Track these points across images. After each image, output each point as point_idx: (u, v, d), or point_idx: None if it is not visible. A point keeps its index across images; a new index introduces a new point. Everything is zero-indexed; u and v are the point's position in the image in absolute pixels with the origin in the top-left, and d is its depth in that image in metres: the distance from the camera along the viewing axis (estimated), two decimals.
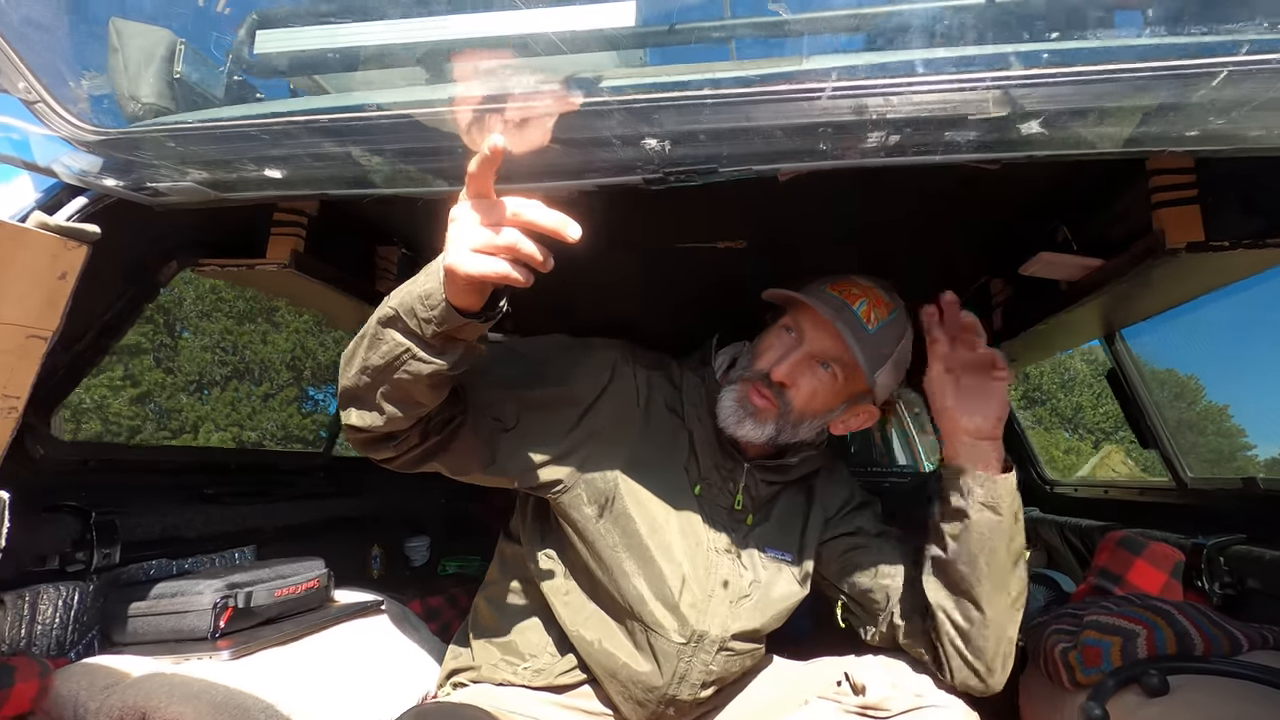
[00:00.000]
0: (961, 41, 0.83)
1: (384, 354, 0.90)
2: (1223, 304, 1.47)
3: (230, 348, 16.22)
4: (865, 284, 1.18)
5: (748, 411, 1.15)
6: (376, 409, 0.97)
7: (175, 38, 1.14)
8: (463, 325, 0.87)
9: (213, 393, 15.83)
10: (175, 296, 15.99)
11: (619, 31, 0.89)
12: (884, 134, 0.82)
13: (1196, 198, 1.16)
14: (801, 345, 1.15)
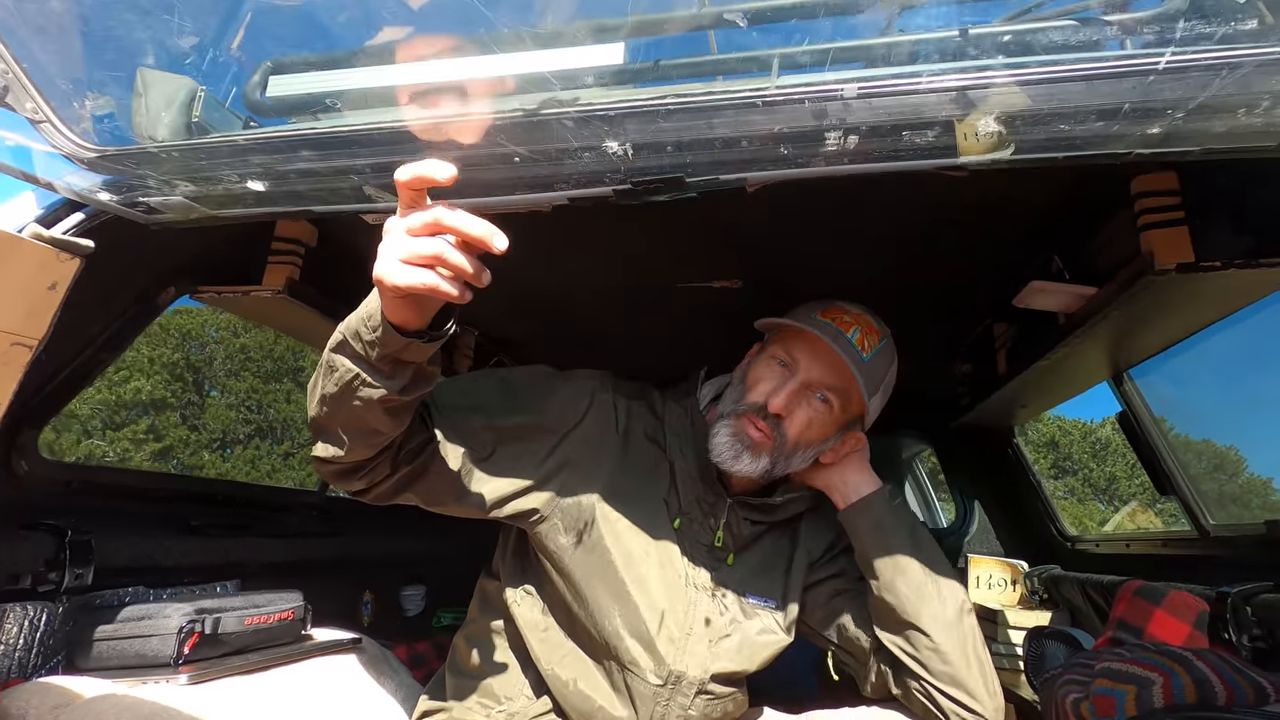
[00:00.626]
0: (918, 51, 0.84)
1: (336, 381, 0.88)
2: (1228, 335, 1.42)
3: (255, 405, 16.51)
4: (855, 311, 1.17)
5: (744, 445, 1.12)
6: (338, 440, 0.94)
7: (196, 85, 1.21)
8: (405, 346, 0.84)
9: (235, 450, 16.01)
10: (206, 356, 16.43)
11: (607, 69, 0.93)
12: (841, 136, 0.82)
13: (1184, 219, 1.14)
14: (796, 375, 1.13)
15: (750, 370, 1.19)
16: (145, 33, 1.13)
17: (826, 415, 1.14)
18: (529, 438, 1.14)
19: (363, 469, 1.00)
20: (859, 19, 0.93)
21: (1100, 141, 0.82)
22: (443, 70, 1.00)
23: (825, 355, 1.12)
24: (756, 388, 1.15)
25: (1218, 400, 1.72)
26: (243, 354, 16.31)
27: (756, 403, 1.13)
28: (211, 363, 16.28)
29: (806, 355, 1.13)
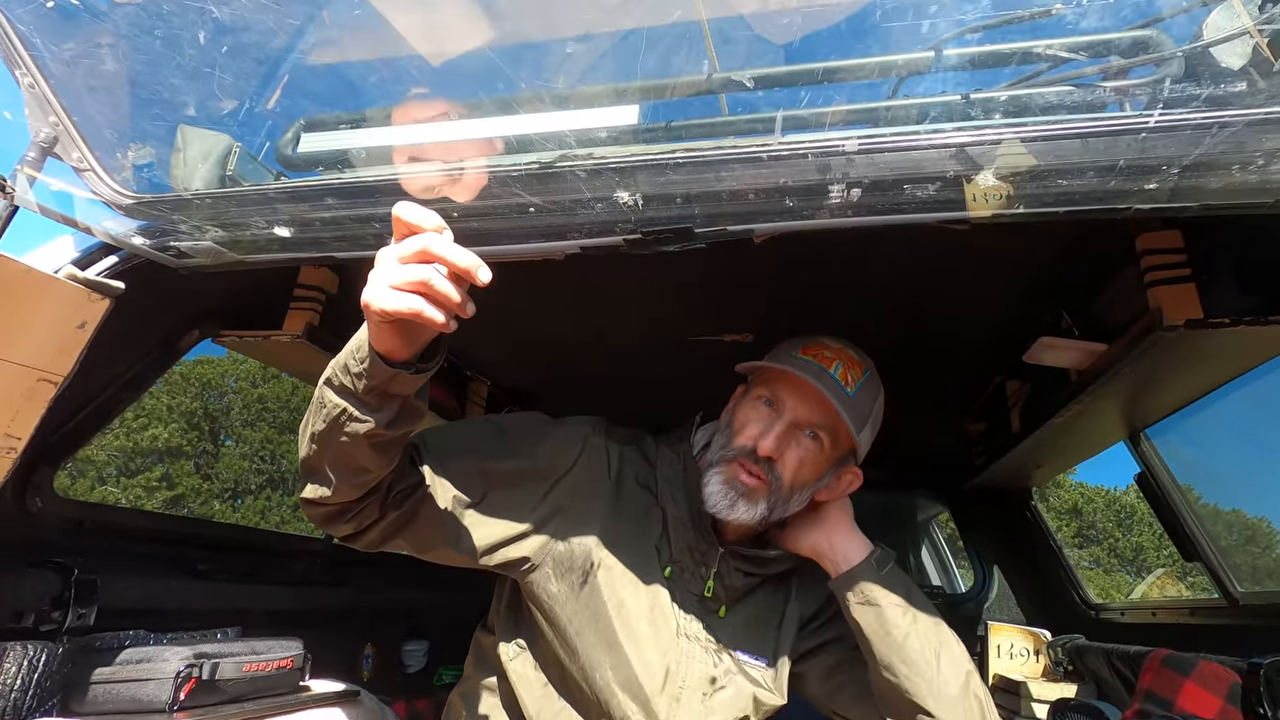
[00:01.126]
0: (918, 114, 0.88)
1: (324, 417, 0.89)
2: (1246, 394, 1.40)
3: (269, 456, 16.56)
4: (836, 345, 1.16)
5: (739, 493, 1.10)
6: (326, 479, 0.94)
7: (233, 142, 1.28)
8: (392, 377, 0.84)
9: (245, 500, 15.99)
10: (224, 405, 16.61)
11: (622, 129, 0.98)
12: (844, 189, 0.85)
13: (1190, 276, 1.15)
14: (782, 415, 1.11)
15: (736, 414, 1.18)
16: (188, 91, 1.20)
17: (818, 453, 1.13)
18: (521, 483, 1.13)
19: (349, 511, 0.99)
20: (862, 84, 0.98)
21: (1100, 197, 0.83)
22: (464, 128, 1.06)
23: (810, 393, 1.11)
24: (744, 431, 1.13)
25: (1244, 466, 1.68)
26: (260, 404, 16.48)
27: (746, 446, 1.11)
28: (229, 412, 16.45)
29: (791, 395, 1.12)
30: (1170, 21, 0.93)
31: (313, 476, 0.96)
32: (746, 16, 1.04)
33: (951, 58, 0.94)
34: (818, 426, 1.12)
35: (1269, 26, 0.80)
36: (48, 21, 1.01)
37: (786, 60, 1.00)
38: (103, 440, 13.69)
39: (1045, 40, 0.92)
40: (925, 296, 1.56)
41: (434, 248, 0.78)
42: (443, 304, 0.79)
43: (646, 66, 1.03)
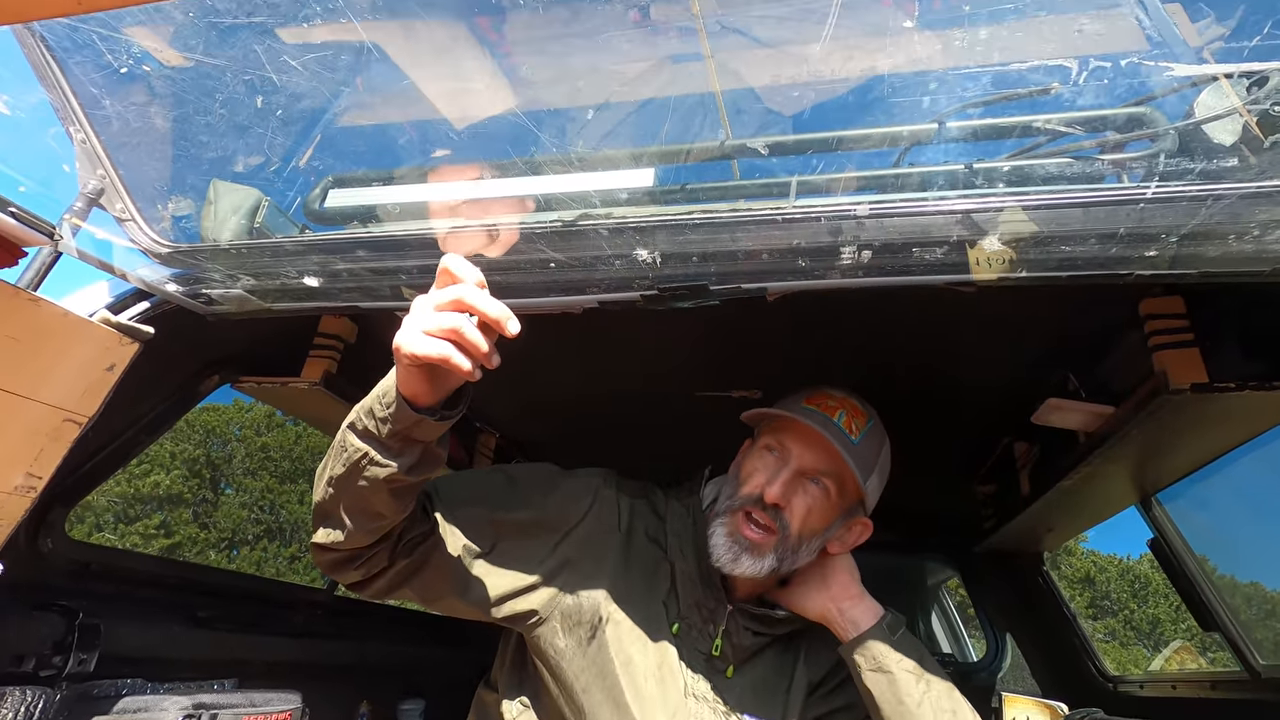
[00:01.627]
0: (926, 180, 0.92)
1: (345, 461, 0.90)
2: (1258, 460, 1.40)
3: (269, 506, 16.39)
4: (840, 395, 1.18)
5: (743, 547, 1.10)
6: (340, 524, 0.95)
7: (262, 196, 1.34)
8: (416, 422, 0.85)
9: (242, 551, 15.75)
10: (227, 454, 16.55)
11: (641, 190, 1.03)
12: (855, 251, 0.89)
13: (1194, 340, 1.17)
14: (789, 463, 1.12)
15: (743, 464, 1.19)
16: (224, 148, 1.26)
17: (825, 502, 1.13)
18: (531, 534, 1.14)
19: (360, 558, 0.99)
20: (870, 153, 1.03)
21: (1102, 263, 0.87)
22: (490, 187, 1.11)
23: (815, 441, 1.12)
24: (751, 480, 1.14)
25: (1259, 535, 1.65)
26: (263, 452, 16.42)
27: (752, 494, 1.11)
28: (231, 460, 16.38)
29: (797, 443, 1.13)
30: (1163, 99, 0.98)
31: (327, 521, 0.97)
32: (758, 89, 1.11)
33: (955, 130, 0.99)
34: (824, 474, 1.12)
35: (1257, 106, 0.85)
36: (101, 83, 1.08)
37: (795, 129, 1.06)
38: (103, 486, 13.64)
39: (1044, 115, 0.98)
40: (933, 358, 1.58)
41: (468, 297, 0.81)
42: (471, 352, 0.81)
43: (665, 133, 1.09)
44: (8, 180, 0.93)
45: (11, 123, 0.90)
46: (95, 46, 1.00)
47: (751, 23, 1.07)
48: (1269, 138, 0.83)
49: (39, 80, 1.00)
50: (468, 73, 1.16)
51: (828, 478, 1.12)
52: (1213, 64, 0.89)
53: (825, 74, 1.04)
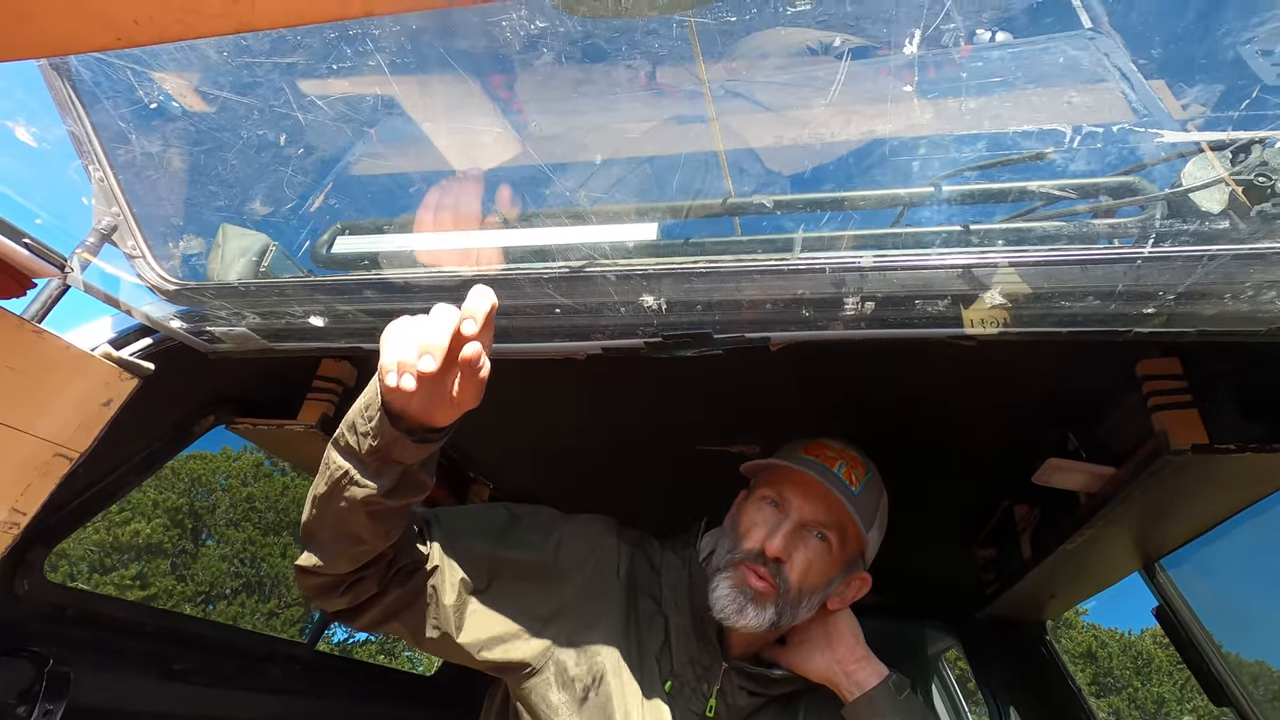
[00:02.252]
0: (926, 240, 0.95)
1: (328, 479, 0.88)
2: (1263, 525, 1.39)
3: (250, 558, 15.95)
4: (838, 446, 1.17)
5: (748, 597, 1.07)
6: (321, 547, 0.93)
7: (270, 241, 1.36)
8: (395, 440, 0.82)
9: (218, 605, 15.24)
10: (211, 503, 16.21)
11: (647, 243, 1.06)
12: (859, 302, 0.90)
13: (1192, 402, 1.18)
14: (789, 516, 1.11)
15: (741, 517, 1.16)
16: (238, 191, 1.29)
17: (826, 555, 1.10)
18: (529, 576, 1.11)
19: (342, 584, 0.96)
20: (870, 212, 1.06)
21: (1101, 320, 0.88)
22: (499, 236, 1.13)
23: (816, 492, 1.10)
24: (751, 534, 1.11)
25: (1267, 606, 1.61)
26: (248, 503, 16.08)
27: (753, 549, 1.09)
28: (214, 510, 16.03)
29: (797, 494, 1.11)
30: (1152, 169, 1.02)
31: (310, 543, 0.94)
32: (760, 149, 1.15)
33: (951, 193, 1.02)
34: (825, 526, 1.11)
35: (1241, 177, 0.88)
36: (121, 123, 1.11)
37: (795, 189, 1.10)
38: (82, 533, 13.30)
39: (1038, 181, 1.01)
40: (934, 415, 1.58)
41: (439, 314, 0.80)
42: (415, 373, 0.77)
43: (670, 188, 1.12)
44: (24, 212, 0.95)
45: (37, 154, 0.93)
46: (119, 87, 1.04)
47: (755, 88, 1.11)
48: (1255, 206, 0.86)
49: (61, 116, 1.03)
50: (480, 127, 1.20)
51: (829, 529, 1.11)
52: (1196, 135, 0.93)
53: (826, 136, 1.08)
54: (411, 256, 1.19)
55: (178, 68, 1.04)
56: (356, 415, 0.85)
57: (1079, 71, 1.05)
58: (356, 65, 1.14)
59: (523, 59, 1.02)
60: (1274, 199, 0.85)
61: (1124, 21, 1.04)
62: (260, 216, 1.34)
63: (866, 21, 0.98)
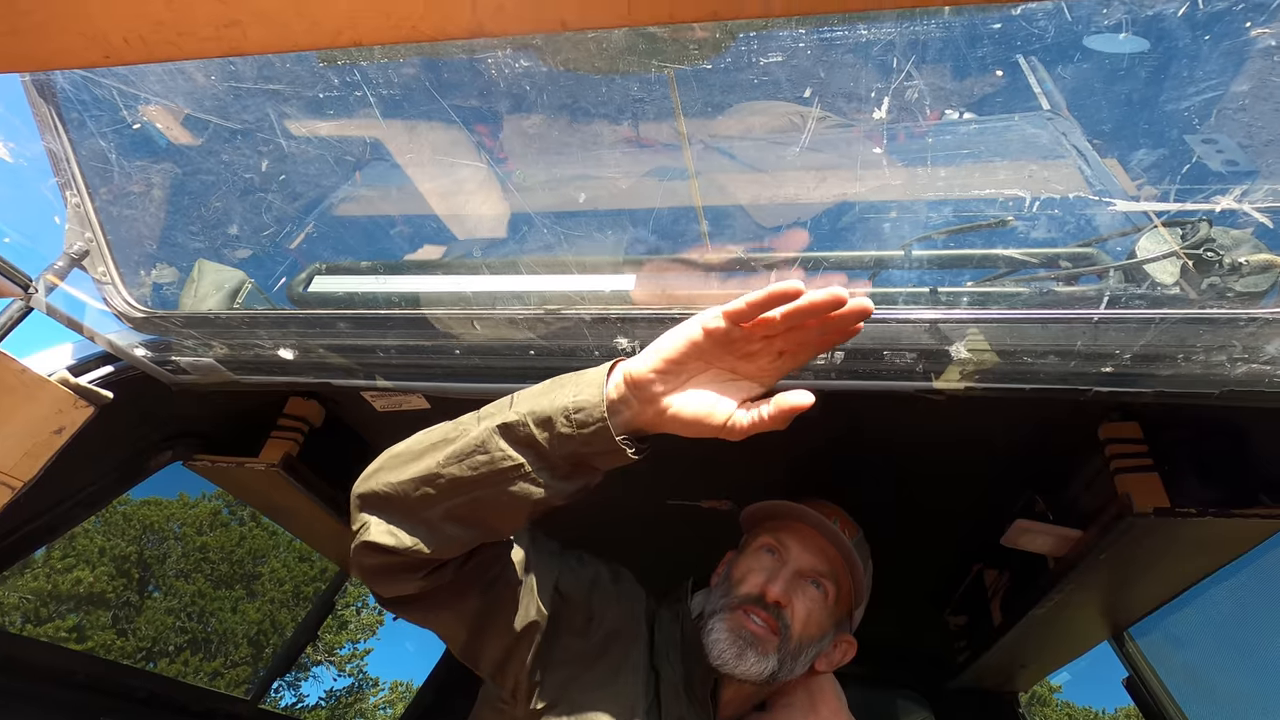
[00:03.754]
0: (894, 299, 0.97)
1: (479, 465, 0.76)
2: (1225, 589, 1.40)
3: (197, 613, 15.16)
4: (830, 505, 1.19)
5: (747, 641, 1.04)
6: (427, 527, 0.80)
7: (245, 278, 1.36)
8: (614, 449, 0.73)
9: (160, 663, 14.36)
10: (161, 552, 15.49)
11: (620, 291, 1.08)
12: (829, 351, 0.91)
13: (1154, 466, 1.20)
14: (788, 563, 1.11)
15: (737, 565, 1.15)
16: (216, 225, 1.29)
17: (822, 605, 1.09)
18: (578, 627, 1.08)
19: (427, 567, 0.84)
20: (843, 272, 1.09)
21: (1062, 377, 0.90)
22: (480, 281, 1.14)
23: (814, 541, 1.11)
24: (748, 579, 1.10)
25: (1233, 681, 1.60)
26: (200, 553, 15.39)
27: (752, 593, 1.07)
28: (165, 560, 15.29)
29: (796, 542, 1.12)
30: (1108, 242, 1.07)
31: (400, 517, 0.81)
32: (737, 205, 1.18)
33: (920, 256, 1.06)
34: (822, 576, 1.10)
35: (1191, 252, 0.92)
36: (102, 150, 1.11)
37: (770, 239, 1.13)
38: (18, 579, 12.56)
39: (1001, 248, 1.06)
40: (903, 476, 1.59)
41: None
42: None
43: (649, 239, 1.14)
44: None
45: (11, 170, 0.92)
46: (102, 114, 1.04)
47: (733, 145, 1.16)
48: (1205, 279, 0.90)
49: (41, 134, 1.03)
50: (465, 174, 1.22)
51: (826, 580, 1.11)
52: (1148, 211, 0.98)
53: (801, 196, 1.12)
54: (388, 299, 1.19)
55: (165, 98, 1.05)
56: (556, 413, 0.74)
57: (1039, 148, 1.12)
58: (347, 108, 1.16)
59: (508, 107, 1.05)
60: (1221, 272, 0.89)
61: (1079, 106, 1.11)
62: (237, 251, 1.34)
63: (842, 93, 1.04)
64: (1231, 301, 0.86)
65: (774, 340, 0.72)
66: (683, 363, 0.74)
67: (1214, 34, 0.80)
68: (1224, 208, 0.79)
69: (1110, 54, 0.99)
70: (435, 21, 0.42)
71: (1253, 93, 0.81)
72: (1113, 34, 0.98)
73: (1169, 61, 0.87)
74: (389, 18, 0.42)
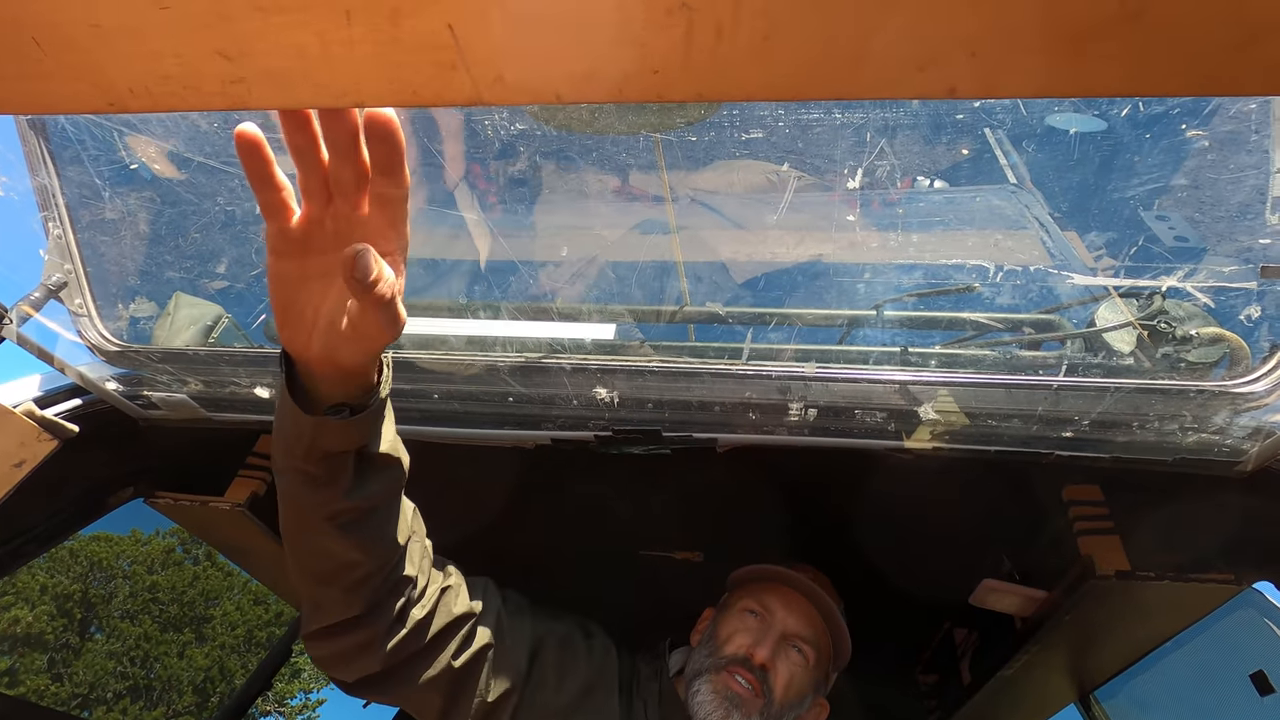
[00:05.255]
0: (866, 357, 1.01)
1: (287, 514, 0.72)
2: (1185, 653, 1.42)
3: (140, 658, 14.39)
4: (815, 570, 1.23)
5: (732, 703, 1.04)
6: (322, 599, 0.76)
7: (222, 312, 1.36)
8: (316, 426, 0.63)
9: (96, 712, 13.54)
10: (108, 591, 14.78)
11: (600, 340, 1.10)
12: (802, 409, 0.94)
13: (1114, 528, 1.23)
14: (773, 626, 1.12)
15: (720, 626, 1.16)
16: (197, 260, 1.30)
17: (804, 670, 1.11)
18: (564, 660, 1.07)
19: (359, 628, 0.79)
20: (817, 328, 1.13)
21: (1025, 440, 0.94)
22: (461, 325, 1.15)
23: (798, 604, 1.13)
24: (733, 640, 1.11)
25: None
26: (150, 593, 14.69)
27: (738, 655, 1.08)
28: (110, 600, 14.56)
29: (780, 605, 1.13)
30: (1069, 309, 1.12)
31: (308, 603, 0.78)
32: (716, 261, 1.22)
33: (891, 317, 1.11)
34: (805, 640, 1.12)
35: (1146, 322, 0.97)
36: (88, 181, 1.12)
37: (747, 302, 1.17)
38: None
39: (968, 312, 1.11)
40: (875, 531, 1.61)
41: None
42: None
43: (629, 290, 1.17)
44: None
45: (2, 204, 0.92)
46: (89, 146, 1.05)
47: (715, 203, 1.20)
48: (1159, 348, 0.95)
49: (29, 170, 1.04)
50: (449, 217, 1.25)
51: (808, 645, 1.12)
52: (1106, 282, 1.04)
53: (778, 255, 1.17)
54: None
55: (154, 133, 1.07)
56: (276, 437, 0.68)
57: (1004, 219, 1.18)
58: None
59: (495, 153, 1.08)
60: (1174, 343, 0.94)
61: (1041, 180, 1.18)
62: (216, 284, 1.34)
63: (818, 159, 1.09)
64: (1183, 372, 0.91)
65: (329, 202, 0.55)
66: (292, 296, 0.59)
67: (1154, 133, 0.86)
68: (1170, 285, 0.84)
69: (1070, 133, 1.06)
70: (436, 89, 0.44)
71: (1191, 184, 0.87)
72: (1074, 113, 1.05)
73: (1118, 151, 0.93)
74: (392, 84, 0.44)
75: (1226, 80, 0.34)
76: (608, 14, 0.38)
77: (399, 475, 0.74)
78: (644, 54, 0.38)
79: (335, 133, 0.50)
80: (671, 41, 0.38)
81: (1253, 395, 0.82)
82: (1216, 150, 0.89)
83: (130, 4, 0.42)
